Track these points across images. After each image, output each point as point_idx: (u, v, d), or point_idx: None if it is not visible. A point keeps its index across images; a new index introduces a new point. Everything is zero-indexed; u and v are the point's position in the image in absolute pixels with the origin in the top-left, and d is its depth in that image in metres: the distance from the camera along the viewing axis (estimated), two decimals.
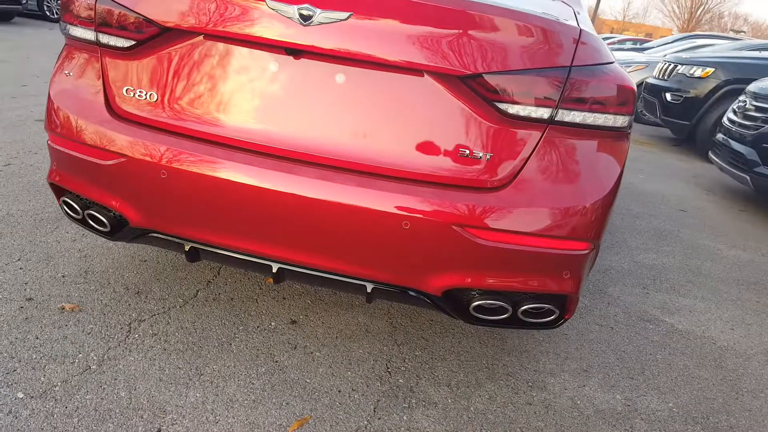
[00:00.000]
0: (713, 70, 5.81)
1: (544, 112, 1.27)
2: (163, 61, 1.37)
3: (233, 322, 1.75)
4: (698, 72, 5.93)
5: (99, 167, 1.40)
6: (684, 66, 6.14)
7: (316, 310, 1.88)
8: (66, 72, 1.48)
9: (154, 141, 1.35)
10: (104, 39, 1.41)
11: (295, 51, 1.28)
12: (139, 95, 1.39)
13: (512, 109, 1.27)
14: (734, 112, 4.31)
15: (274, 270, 1.40)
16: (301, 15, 1.23)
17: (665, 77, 6.41)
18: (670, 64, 6.44)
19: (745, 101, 4.18)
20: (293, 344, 1.68)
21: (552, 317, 1.41)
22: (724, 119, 4.46)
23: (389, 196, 1.26)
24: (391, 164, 1.29)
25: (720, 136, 4.43)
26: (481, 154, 1.29)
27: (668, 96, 6.19)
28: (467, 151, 1.29)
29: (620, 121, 1.32)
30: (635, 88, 1.33)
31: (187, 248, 1.45)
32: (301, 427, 1.37)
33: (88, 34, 1.44)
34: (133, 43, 1.38)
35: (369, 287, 1.39)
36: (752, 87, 4.28)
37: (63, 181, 1.50)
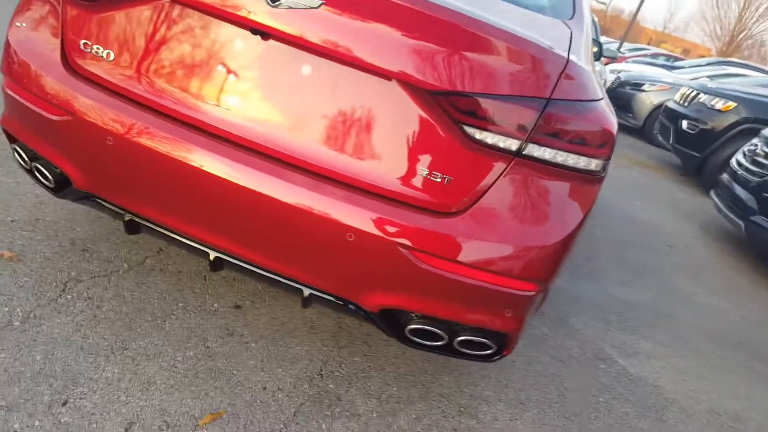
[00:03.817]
0: (735, 104, 5.64)
1: (512, 143, 1.19)
2: (124, 19, 1.28)
3: (174, 297, 1.70)
4: (719, 104, 5.76)
5: (47, 121, 1.33)
6: (706, 95, 5.96)
7: (265, 298, 1.83)
8: (26, 17, 1.40)
9: (103, 103, 1.28)
10: None
11: (262, 32, 1.20)
12: (95, 51, 1.31)
13: (479, 134, 1.19)
14: (744, 154, 4.18)
15: (211, 258, 1.35)
16: None
17: (685, 104, 6.24)
18: (692, 91, 6.25)
19: (757, 145, 4.06)
20: (230, 330, 1.64)
21: (489, 351, 1.36)
22: (732, 160, 4.34)
23: (336, 203, 1.20)
24: (344, 169, 1.22)
25: (725, 176, 4.31)
26: (440, 176, 1.21)
27: (684, 124, 6.03)
28: (426, 170, 1.21)
29: (594, 164, 1.25)
30: (615, 132, 1.25)
31: (126, 219, 1.39)
32: (213, 421, 1.34)
33: None
34: None
35: (306, 292, 1.34)
36: (767, 131, 4.14)
37: (13, 129, 1.44)
